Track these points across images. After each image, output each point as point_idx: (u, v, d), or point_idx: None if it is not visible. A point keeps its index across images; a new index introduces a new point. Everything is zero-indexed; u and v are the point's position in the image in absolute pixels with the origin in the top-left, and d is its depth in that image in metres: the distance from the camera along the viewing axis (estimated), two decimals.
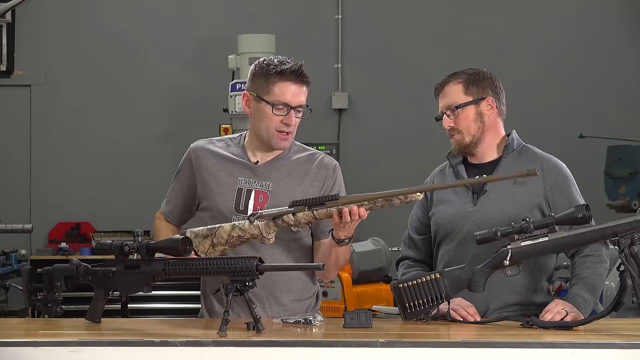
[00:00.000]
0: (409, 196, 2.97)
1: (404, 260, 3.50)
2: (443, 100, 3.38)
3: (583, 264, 3.25)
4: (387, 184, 8.34)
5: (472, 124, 3.34)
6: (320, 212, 3.03)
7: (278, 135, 3.22)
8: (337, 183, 3.31)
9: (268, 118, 3.21)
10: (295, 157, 3.30)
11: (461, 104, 3.33)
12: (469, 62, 3.85)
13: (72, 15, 8.51)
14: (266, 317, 3.15)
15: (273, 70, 3.18)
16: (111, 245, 2.98)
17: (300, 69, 3.19)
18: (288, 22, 8.41)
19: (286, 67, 3.18)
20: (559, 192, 3.32)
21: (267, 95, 3.20)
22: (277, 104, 3.19)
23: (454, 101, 3.35)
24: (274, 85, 3.18)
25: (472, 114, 3.34)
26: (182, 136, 7.96)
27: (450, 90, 3.36)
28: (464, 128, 3.34)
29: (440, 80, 3.41)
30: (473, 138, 3.35)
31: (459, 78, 3.37)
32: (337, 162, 3.34)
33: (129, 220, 8.02)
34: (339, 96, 8.48)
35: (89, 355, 2.64)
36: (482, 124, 3.35)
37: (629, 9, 8.45)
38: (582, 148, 7.68)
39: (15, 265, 6.55)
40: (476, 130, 3.35)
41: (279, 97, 3.19)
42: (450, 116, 3.35)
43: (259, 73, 3.22)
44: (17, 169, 8.47)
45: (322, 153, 3.36)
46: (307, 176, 3.28)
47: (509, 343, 2.68)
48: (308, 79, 3.22)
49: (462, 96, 3.34)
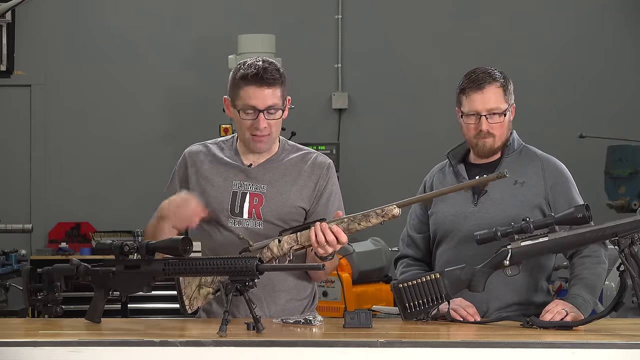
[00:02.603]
0: (385, 210, 2.98)
1: (402, 258, 3.49)
2: (483, 101, 3.29)
3: (582, 265, 3.25)
4: (387, 184, 8.41)
5: (506, 130, 3.34)
6: (304, 235, 3.06)
7: (252, 139, 3.21)
8: (330, 182, 3.28)
9: (240, 122, 3.22)
10: (289, 158, 3.29)
11: (505, 112, 3.30)
12: (469, 62, 3.84)
13: (72, 15, 8.51)
14: (264, 317, 3.15)
15: (238, 75, 3.18)
16: (111, 245, 2.98)
17: (261, 72, 3.14)
18: (288, 22, 8.41)
19: (249, 72, 3.15)
20: (559, 193, 3.32)
21: (236, 100, 3.20)
22: (244, 109, 3.18)
23: (497, 107, 3.29)
24: (240, 89, 3.18)
25: (507, 121, 3.33)
26: (182, 136, 7.96)
27: (493, 93, 3.30)
28: (499, 134, 3.32)
29: (471, 77, 3.32)
30: (502, 143, 3.35)
31: (497, 80, 3.31)
32: (331, 161, 3.32)
33: (129, 220, 8.01)
34: (339, 96, 8.48)
35: (89, 355, 2.64)
36: (509, 130, 3.36)
37: (628, 9, 8.45)
38: (582, 148, 7.68)
39: (15, 265, 6.54)
40: (506, 136, 3.35)
41: (245, 100, 3.17)
42: (490, 121, 3.31)
43: (232, 77, 3.23)
44: (17, 169, 8.47)
45: (316, 152, 3.34)
46: (301, 176, 3.27)
47: (509, 343, 2.68)
48: (275, 80, 3.16)
49: (503, 103, 3.30)
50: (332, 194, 3.28)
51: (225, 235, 3.24)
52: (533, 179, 3.33)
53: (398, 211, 3.00)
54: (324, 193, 3.27)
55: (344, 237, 3.01)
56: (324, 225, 3.01)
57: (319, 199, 3.26)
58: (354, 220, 3.02)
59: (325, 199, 3.27)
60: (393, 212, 3.00)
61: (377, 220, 3.01)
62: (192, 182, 3.30)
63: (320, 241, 3.00)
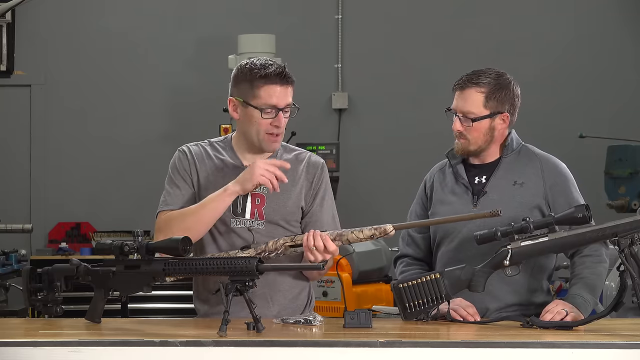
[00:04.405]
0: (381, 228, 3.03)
1: (402, 257, 3.48)
2: (460, 102, 3.31)
3: (582, 264, 3.25)
4: (387, 184, 8.41)
5: (481, 136, 3.31)
6: (299, 235, 3.12)
7: (268, 138, 3.22)
8: (324, 182, 3.32)
9: (257, 122, 3.20)
10: (284, 158, 3.30)
11: (477, 118, 3.30)
12: (469, 62, 3.85)
13: (72, 15, 8.51)
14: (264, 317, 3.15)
15: (257, 74, 3.17)
16: (111, 245, 2.97)
17: (284, 70, 3.19)
18: (288, 22, 8.41)
19: (270, 71, 3.17)
20: (559, 193, 3.32)
21: (254, 100, 3.19)
22: (265, 108, 3.18)
23: (470, 111, 3.29)
24: (259, 89, 3.18)
25: (485, 128, 3.31)
26: (182, 136, 7.92)
27: (469, 96, 3.29)
28: (472, 138, 3.31)
29: (463, 76, 3.32)
30: (478, 148, 3.33)
31: (482, 86, 3.29)
32: (323, 161, 3.35)
33: (129, 220, 8.03)
34: (339, 96, 8.48)
35: (89, 355, 2.64)
36: (490, 137, 3.33)
37: (628, 9, 8.45)
38: (582, 148, 7.68)
39: (15, 265, 6.55)
40: (483, 142, 3.33)
41: (266, 100, 3.18)
42: (463, 122, 3.31)
43: (242, 78, 3.21)
44: (17, 169, 8.47)
45: (308, 152, 3.37)
46: (299, 176, 3.29)
47: (509, 343, 2.68)
48: (292, 78, 3.21)
49: (481, 108, 3.29)
50: (327, 193, 3.32)
51: (228, 235, 3.25)
52: (532, 179, 3.33)
53: (392, 232, 3.05)
54: (319, 192, 3.30)
55: (332, 246, 3.05)
56: (317, 231, 3.07)
57: (315, 197, 3.29)
58: (348, 230, 3.08)
59: (320, 198, 3.30)
60: (386, 229, 3.04)
61: (370, 232, 3.04)
62: (194, 181, 3.29)
63: (309, 245, 3.04)
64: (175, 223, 3.17)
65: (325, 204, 3.29)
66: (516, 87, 3.37)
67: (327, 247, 3.04)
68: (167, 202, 3.28)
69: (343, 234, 3.07)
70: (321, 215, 3.27)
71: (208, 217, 3.16)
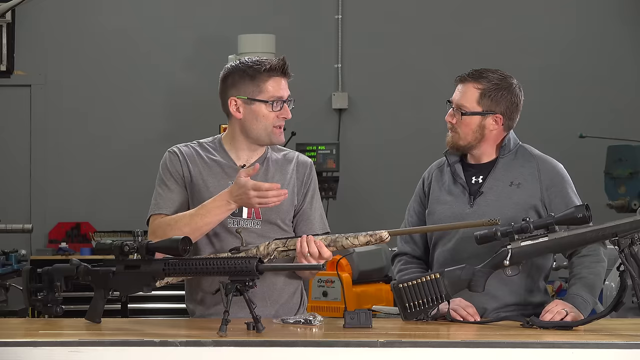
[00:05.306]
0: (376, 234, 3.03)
1: (400, 255, 3.48)
2: (457, 94, 3.35)
3: (581, 264, 3.25)
4: (387, 183, 8.40)
5: (470, 132, 3.33)
6: (291, 240, 3.11)
7: (276, 131, 3.27)
8: (313, 181, 3.36)
9: (265, 116, 3.24)
10: (274, 158, 3.35)
11: (467, 112, 3.32)
12: (469, 62, 3.85)
13: (72, 15, 8.50)
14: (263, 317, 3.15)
15: (262, 69, 3.23)
16: (111, 245, 2.98)
17: (286, 63, 3.27)
18: (288, 22, 8.41)
19: (274, 64, 3.25)
20: (556, 194, 3.32)
21: (261, 94, 3.24)
22: (274, 100, 3.24)
23: (463, 104, 3.32)
24: (265, 83, 3.24)
25: (475, 125, 3.32)
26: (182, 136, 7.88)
27: (466, 90, 3.33)
28: (462, 133, 3.33)
29: (467, 71, 3.35)
30: (467, 144, 3.35)
31: (480, 83, 3.31)
32: (311, 160, 3.40)
33: (129, 220, 8.00)
34: (339, 96, 8.48)
35: (89, 355, 2.64)
36: (480, 136, 3.33)
37: (628, 10, 8.45)
38: (582, 148, 7.68)
39: (15, 265, 6.53)
40: (472, 139, 3.34)
41: (274, 92, 3.24)
42: (455, 114, 3.34)
43: (241, 76, 3.26)
44: (17, 169, 8.47)
45: (296, 152, 3.42)
46: (290, 175, 3.32)
47: (509, 343, 2.68)
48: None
49: (473, 104, 3.32)
50: (316, 192, 3.36)
51: (225, 235, 3.24)
52: (529, 180, 3.33)
53: (388, 238, 3.05)
54: (309, 191, 3.34)
55: (327, 252, 3.06)
56: (310, 237, 3.07)
57: (305, 196, 3.32)
58: (343, 236, 3.07)
59: (310, 196, 3.33)
60: (382, 236, 3.04)
61: (365, 239, 3.04)
62: (186, 181, 3.29)
63: (304, 251, 3.04)
64: (170, 230, 3.15)
65: (315, 203, 3.34)
66: (519, 93, 3.37)
67: (321, 253, 3.05)
68: (159, 205, 3.28)
69: (338, 240, 3.08)
70: (311, 213, 3.31)
71: (205, 229, 3.17)
